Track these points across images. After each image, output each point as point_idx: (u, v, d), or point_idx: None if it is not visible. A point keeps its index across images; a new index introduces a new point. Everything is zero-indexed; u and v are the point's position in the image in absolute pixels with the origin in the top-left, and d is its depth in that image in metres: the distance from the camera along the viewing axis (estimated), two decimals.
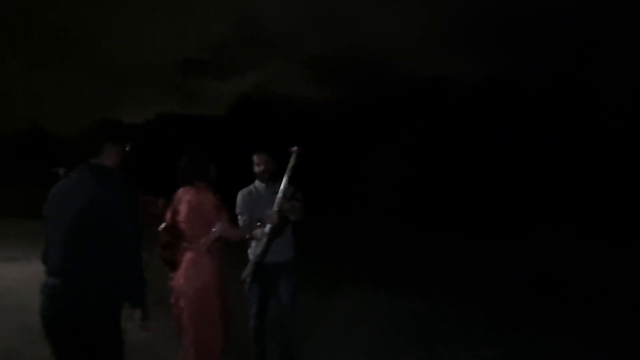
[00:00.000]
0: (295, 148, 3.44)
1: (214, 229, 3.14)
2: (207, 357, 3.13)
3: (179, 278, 3.19)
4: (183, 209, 3.22)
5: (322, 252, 9.05)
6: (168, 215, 3.32)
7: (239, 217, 3.62)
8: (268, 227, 3.38)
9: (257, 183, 3.71)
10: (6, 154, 36.37)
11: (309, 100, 36.68)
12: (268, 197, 3.49)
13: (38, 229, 2.36)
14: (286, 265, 3.60)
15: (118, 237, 2.12)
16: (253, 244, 3.53)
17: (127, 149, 2.46)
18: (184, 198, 3.24)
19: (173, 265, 3.25)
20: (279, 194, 3.38)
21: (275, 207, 3.34)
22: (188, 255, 3.18)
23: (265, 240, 3.38)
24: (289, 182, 3.41)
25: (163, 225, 3.31)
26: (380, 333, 4.98)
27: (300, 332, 4.10)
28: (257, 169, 3.64)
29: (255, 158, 3.65)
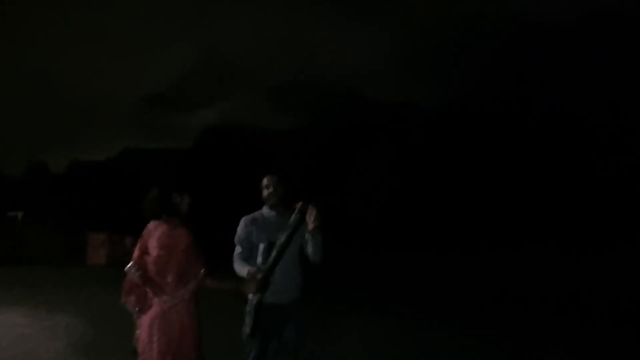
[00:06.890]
0: (299, 204, 3.16)
1: (190, 284, 2.80)
2: None
3: (145, 330, 2.80)
4: (153, 246, 2.81)
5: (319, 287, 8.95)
6: (136, 252, 2.88)
7: (237, 246, 3.34)
8: (252, 297, 3.10)
9: (264, 210, 3.44)
10: None
11: (274, 130, 36.81)
12: (279, 224, 3.22)
13: None
14: (291, 307, 3.27)
15: None
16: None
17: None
18: (155, 234, 2.83)
19: (140, 311, 2.86)
20: (260, 264, 3.12)
21: (256, 276, 2.99)
22: (156, 308, 2.80)
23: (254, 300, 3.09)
24: (290, 237, 3.10)
25: (130, 264, 2.83)
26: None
27: None
28: (266, 191, 3.38)
29: (265, 180, 3.40)
